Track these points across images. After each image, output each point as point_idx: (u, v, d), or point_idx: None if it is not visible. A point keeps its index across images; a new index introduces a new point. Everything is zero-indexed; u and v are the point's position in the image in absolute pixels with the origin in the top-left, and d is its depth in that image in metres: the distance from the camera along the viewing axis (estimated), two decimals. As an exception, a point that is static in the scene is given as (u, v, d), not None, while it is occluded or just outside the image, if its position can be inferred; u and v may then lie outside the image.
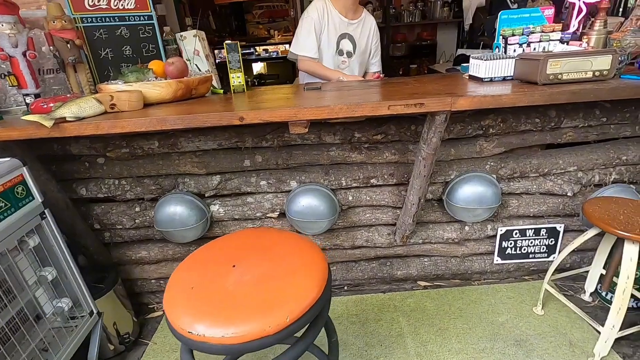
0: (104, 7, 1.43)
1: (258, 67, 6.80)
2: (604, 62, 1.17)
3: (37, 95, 1.35)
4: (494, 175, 1.58)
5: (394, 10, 4.04)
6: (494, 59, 1.34)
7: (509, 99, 1.09)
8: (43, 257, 1.28)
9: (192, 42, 1.71)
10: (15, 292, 1.13)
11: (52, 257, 1.30)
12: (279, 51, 6.00)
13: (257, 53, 6.39)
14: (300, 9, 4.14)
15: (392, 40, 4.19)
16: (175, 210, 1.53)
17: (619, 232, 1.25)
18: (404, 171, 1.57)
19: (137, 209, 1.65)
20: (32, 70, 1.31)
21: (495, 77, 1.38)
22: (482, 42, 3.40)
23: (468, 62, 1.51)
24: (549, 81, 1.19)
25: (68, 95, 1.31)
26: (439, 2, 3.92)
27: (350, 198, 1.64)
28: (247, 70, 6.25)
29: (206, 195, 1.62)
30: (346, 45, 2.07)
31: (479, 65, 1.39)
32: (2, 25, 1.22)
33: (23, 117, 1.12)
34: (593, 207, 1.39)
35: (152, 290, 1.87)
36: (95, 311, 1.46)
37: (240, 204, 1.64)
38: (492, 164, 1.57)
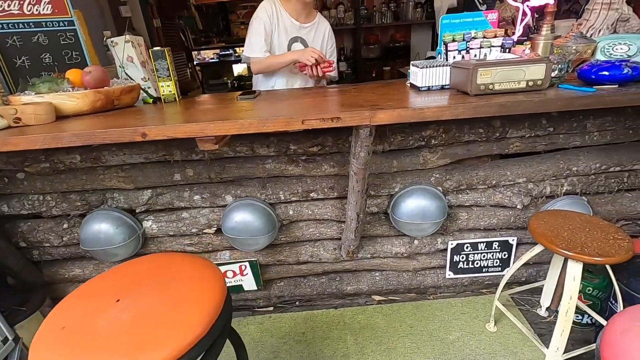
0: (16, 12, 1.33)
1: (240, 69, 6.71)
2: (537, 72, 1.10)
3: (-60, 108, 1.25)
4: (440, 188, 1.51)
5: (365, 11, 3.96)
6: (431, 67, 1.27)
7: (432, 112, 1.01)
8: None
9: (124, 49, 1.62)
10: None
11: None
12: (258, 52, 5.90)
13: (237, 54, 6.29)
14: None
15: (365, 41, 4.10)
16: (100, 228, 1.44)
17: (561, 250, 1.17)
18: (345, 184, 1.49)
19: (65, 226, 1.55)
20: None
21: (433, 86, 1.30)
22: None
23: None
24: (480, 92, 1.11)
25: (-32, 109, 1.21)
26: (411, 3, 3.84)
27: (291, 212, 1.55)
28: (228, 71, 6.15)
29: (137, 211, 1.53)
30: (298, 49, 1.99)
31: (416, 73, 1.31)
32: None
33: None
34: (538, 222, 1.32)
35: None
36: (10, 337, 1.36)
37: (175, 220, 1.55)
38: (437, 176, 1.49)
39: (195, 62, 6.16)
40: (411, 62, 1.38)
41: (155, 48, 1.43)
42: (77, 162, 1.41)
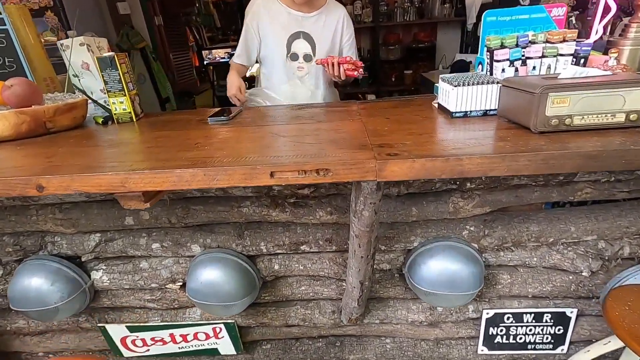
0: None
1: (252, 69, 6.42)
2: (645, 98, 0.70)
3: None
4: (475, 245, 1.12)
5: (385, 8, 3.54)
6: (470, 84, 0.88)
7: (475, 166, 0.64)
8: None
9: (78, 53, 1.30)
10: None
11: None
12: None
13: (249, 54, 5.99)
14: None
15: (384, 42, 3.68)
16: (31, 285, 1.13)
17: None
18: (346, 236, 1.12)
19: (0, 273, 1.25)
20: None
21: (471, 112, 0.91)
22: (487, 45, 2.89)
23: (466, 70, 1.05)
24: (551, 128, 0.72)
25: None
26: (438, -2, 3.40)
27: (277, 267, 1.20)
28: (239, 72, 5.82)
29: (83, 259, 1.22)
30: (301, 46, 1.60)
31: (448, 93, 0.93)
32: None
33: None
34: (619, 305, 0.92)
35: (40, 367, 1.49)
36: None
37: (132, 271, 1.23)
38: (471, 229, 1.10)
39: (205, 62, 5.91)
40: (440, 76, 0.99)
41: (103, 54, 1.11)
42: (4, 200, 1.10)
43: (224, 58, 5.87)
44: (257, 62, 1.74)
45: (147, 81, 3.44)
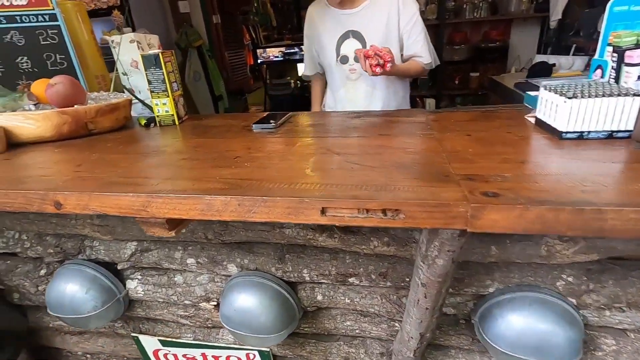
0: (-18, 3, 1.01)
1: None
2: None
3: None
4: (573, 301, 0.87)
5: (453, 4, 3.23)
6: (589, 95, 0.66)
7: (624, 223, 0.43)
8: None
9: (128, 51, 1.25)
10: None
11: None
12: (325, 51, 5.45)
13: (302, 52, 5.93)
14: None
15: (449, 40, 3.35)
16: (66, 291, 1.09)
17: None
18: (405, 272, 0.93)
19: (43, 272, 1.24)
20: None
21: (589, 132, 0.68)
22: (574, 46, 2.49)
23: (548, 74, 0.83)
24: None
25: None
26: (516, -9, 3.01)
27: (320, 297, 1.05)
28: (292, 70, 5.81)
29: (119, 267, 1.16)
30: (351, 47, 1.43)
31: (556, 106, 0.71)
32: None
33: None
34: None
35: (77, 366, 1.49)
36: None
37: (166, 284, 1.15)
38: (569, 279, 0.86)
39: (260, 61, 5.95)
40: (543, 84, 0.77)
41: (148, 52, 1.03)
42: (46, 201, 1.07)
43: (277, 57, 5.87)
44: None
45: (202, 79, 3.48)
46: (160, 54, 1.01)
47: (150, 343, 1.29)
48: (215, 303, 1.14)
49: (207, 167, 0.68)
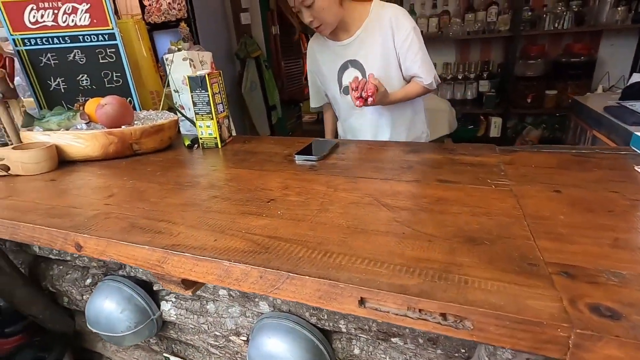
0: (50, 24, 1.06)
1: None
2: None
3: (-34, 137, 1.07)
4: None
5: (530, 13, 2.90)
6: None
7: None
8: None
9: (181, 68, 1.25)
10: None
11: None
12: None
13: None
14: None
15: (523, 54, 3.01)
16: (103, 308, 1.09)
17: None
18: (461, 342, 0.78)
19: (88, 282, 1.27)
20: (-46, 107, 1.02)
21: None
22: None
23: None
24: None
25: (-34, 146, 0.97)
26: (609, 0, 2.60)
27: (357, 351, 0.93)
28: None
29: (155, 288, 1.14)
30: (351, 77, 1.29)
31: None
32: None
33: None
34: None
35: (114, 373, 1.51)
36: (-2, 416, 1.12)
37: (198, 311, 1.10)
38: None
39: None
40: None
41: (196, 73, 1.00)
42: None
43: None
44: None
45: (258, 89, 3.53)
46: (206, 76, 0.97)
47: (180, 366, 1.26)
48: (245, 338, 1.08)
49: (235, 214, 0.60)
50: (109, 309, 1.08)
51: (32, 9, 1.03)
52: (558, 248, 0.44)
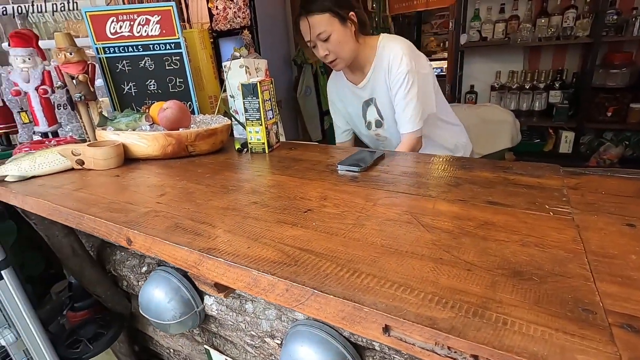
0: (127, 34, 1.17)
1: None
2: None
3: (54, 133, 1.22)
4: None
5: (615, 17, 2.59)
6: None
7: None
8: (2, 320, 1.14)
9: (237, 75, 1.31)
10: None
11: (16, 319, 1.14)
12: (443, 68, 5.10)
13: (418, 69, 5.66)
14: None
15: (604, 62, 2.68)
16: (153, 296, 1.17)
17: None
18: None
19: (144, 270, 1.38)
20: (46, 106, 1.17)
21: None
22: None
23: None
24: None
25: (51, 142, 1.11)
26: None
27: (390, 371, 0.89)
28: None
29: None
30: (372, 113, 1.42)
31: None
32: (16, 58, 1.11)
33: None
34: None
35: (161, 358, 1.62)
36: (62, 381, 1.26)
37: (237, 309, 1.14)
38: None
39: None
40: None
41: (249, 80, 1.04)
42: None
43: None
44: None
45: (312, 94, 3.59)
46: (258, 83, 1.00)
47: (218, 359, 1.31)
48: (279, 342, 1.09)
49: (271, 222, 0.61)
50: (158, 297, 1.16)
51: (112, 21, 1.15)
52: (624, 295, 0.38)
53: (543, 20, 2.90)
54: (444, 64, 5.06)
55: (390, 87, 1.27)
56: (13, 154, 1.06)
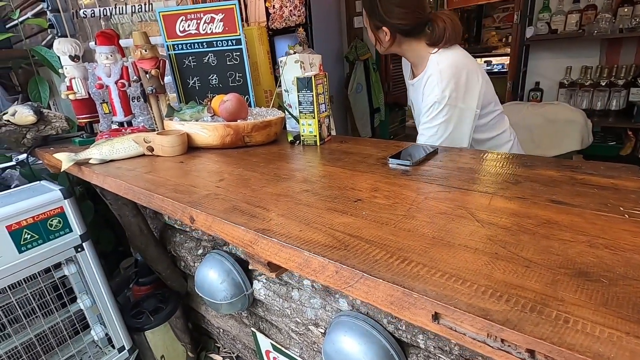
0: (193, 32, 1.26)
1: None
2: None
3: (129, 123, 1.35)
4: None
5: None
6: None
7: None
8: (81, 287, 1.29)
9: (292, 70, 1.35)
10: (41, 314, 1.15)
11: (93, 287, 1.29)
12: (505, 64, 4.78)
13: (476, 65, 5.36)
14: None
15: None
16: (207, 277, 1.25)
17: None
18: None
19: (200, 252, 1.48)
20: (123, 98, 1.30)
21: None
22: None
23: None
24: None
25: (127, 130, 1.23)
26: None
27: (434, 370, 0.87)
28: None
29: (250, 267, 1.26)
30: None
31: None
32: (100, 55, 1.25)
33: (54, 154, 1.09)
34: None
35: (211, 336, 1.73)
36: (127, 347, 1.40)
37: (284, 295, 1.18)
38: None
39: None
40: None
41: (305, 74, 1.07)
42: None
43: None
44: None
45: (364, 90, 3.57)
46: (312, 77, 1.03)
47: (264, 342, 1.37)
48: (323, 330, 1.11)
49: (322, 209, 0.62)
50: (212, 278, 1.24)
51: (181, 20, 1.24)
52: None
53: (626, 9, 2.60)
54: (505, 60, 4.74)
55: (424, 102, 1.21)
56: (96, 140, 1.20)
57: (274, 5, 3.38)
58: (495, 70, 4.85)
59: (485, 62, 5.08)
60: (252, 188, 0.76)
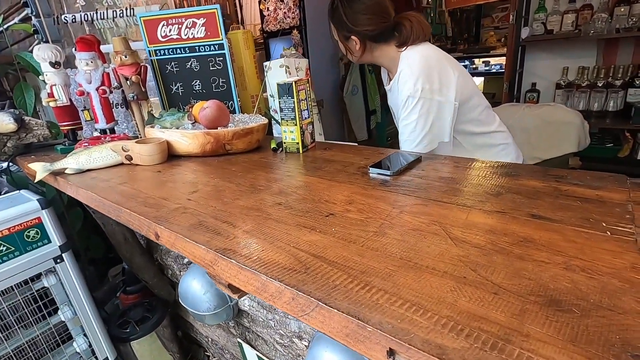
0: (175, 37, 1.24)
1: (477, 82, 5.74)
2: None
3: (111, 130, 1.33)
4: None
5: None
6: None
7: None
8: (63, 298, 1.26)
9: (277, 75, 1.32)
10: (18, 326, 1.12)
11: (74, 298, 1.26)
12: (502, 64, 4.75)
13: (474, 65, 5.33)
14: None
15: None
16: (190, 287, 1.22)
17: None
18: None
19: (185, 261, 1.46)
20: (105, 105, 1.28)
21: None
22: None
23: None
24: None
25: (106, 138, 1.21)
26: None
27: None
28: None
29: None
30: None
31: None
32: (81, 61, 1.22)
33: (29, 164, 1.06)
34: None
35: (201, 345, 1.70)
36: (110, 358, 1.38)
37: (268, 307, 1.16)
38: None
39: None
40: None
41: (285, 80, 1.04)
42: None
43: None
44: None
45: (359, 93, 3.54)
46: (293, 83, 1.00)
47: (250, 353, 1.34)
48: (306, 343, 1.08)
49: (291, 225, 0.59)
50: (195, 288, 1.21)
51: (163, 24, 1.22)
52: None
53: (623, 9, 2.56)
54: (504, 60, 4.70)
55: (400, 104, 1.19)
56: (75, 148, 1.17)
57: (268, 8, 3.36)
58: (494, 70, 4.82)
59: (483, 62, 5.05)
60: (224, 201, 0.73)
